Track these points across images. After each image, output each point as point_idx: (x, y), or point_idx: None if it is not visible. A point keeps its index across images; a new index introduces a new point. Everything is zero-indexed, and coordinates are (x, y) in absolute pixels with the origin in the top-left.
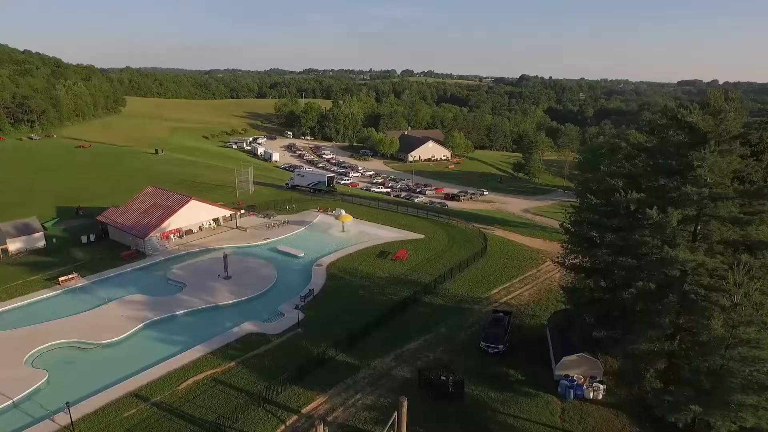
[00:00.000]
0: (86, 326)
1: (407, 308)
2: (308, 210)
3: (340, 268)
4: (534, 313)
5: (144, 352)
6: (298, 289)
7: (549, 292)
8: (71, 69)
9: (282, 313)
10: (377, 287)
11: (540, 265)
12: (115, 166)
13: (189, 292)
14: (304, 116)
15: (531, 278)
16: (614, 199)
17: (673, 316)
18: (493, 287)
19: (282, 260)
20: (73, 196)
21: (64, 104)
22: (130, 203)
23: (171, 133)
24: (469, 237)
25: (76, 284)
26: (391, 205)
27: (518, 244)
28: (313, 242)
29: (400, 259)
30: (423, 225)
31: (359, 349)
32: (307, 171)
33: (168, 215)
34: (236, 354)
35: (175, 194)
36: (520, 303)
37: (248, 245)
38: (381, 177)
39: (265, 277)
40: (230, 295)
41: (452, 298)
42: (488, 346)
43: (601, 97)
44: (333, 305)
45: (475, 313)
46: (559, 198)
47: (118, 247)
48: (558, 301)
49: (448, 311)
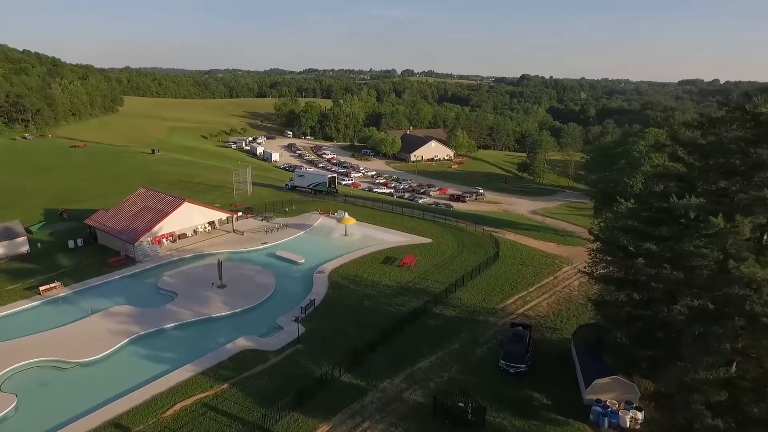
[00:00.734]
0: (65, 342)
1: (417, 320)
2: (309, 212)
3: (344, 275)
4: (555, 325)
5: (127, 372)
6: (299, 299)
7: (569, 302)
8: (68, 68)
9: (280, 326)
10: (383, 297)
11: (556, 271)
12: (110, 167)
13: (180, 302)
14: (305, 115)
15: (548, 286)
16: (669, 204)
17: (732, 340)
18: (508, 296)
19: (281, 267)
20: (64, 198)
21: (60, 103)
22: (121, 206)
23: (169, 133)
24: (479, 241)
25: (58, 294)
26: (396, 207)
27: (531, 249)
28: (313, 247)
29: (407, 265)
30: (430, 228)
31: (365, 368)
32: (307, 171)
33: (159, 219)
34: (229, 374)
35: (167, 196)
36: (539, 314)
37: (245, 250)
38: (383, 177)
39: (262, 285)
40: (224, 306)
41: (465, 308)
42: (508, 366)
43: (603, 97)
44: (336, 317)
45: (490, 326)
46: (566, 199)
47: (107, 252)
48: (581, 314)
49: (461, 324)
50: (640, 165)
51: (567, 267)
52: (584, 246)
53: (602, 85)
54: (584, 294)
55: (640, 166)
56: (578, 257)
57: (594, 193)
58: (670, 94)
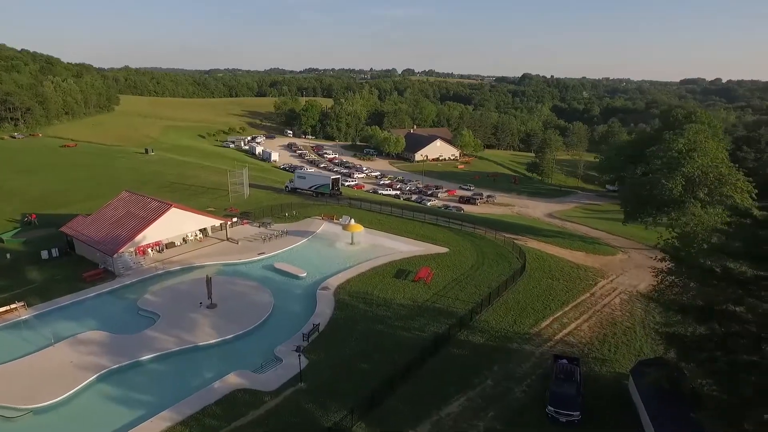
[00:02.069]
0: (18, 380)
1: (439, 349)
2: (311, 217)
3: (352, 292)
4: (603, 356)
5: (91, 422)
6: (300, 322)
7: (613, 325)
8: (62, 66)
9: (279, 357)
10: (398, 319)
11: (592, 287)
12: (100, 167)
13: (162, 326)
14: (305, 114)
15: (585, 305)
16: None
17: None
18: (542, 318)
19: (280, 282)
20: (46, 201)
21: (52, 102)
22: (102, 211)
23: (165, 132)
24: (500, 251)
25: (19, 317)
26: (406, 211)
27: (559, 259)
28: (317, 258)
29: (423, 280)
30: (444, 235)
31: (382, 414)
32: (308, 172)
33: (143, 226)
34: (216, 424)
35: (153, 201)
36: (581, 341)
37: (239, 262)
38: (388, 178)
39: (258, 305)
40: (213, 331)
41: (494, 334)
42: (558, 413)
43: (605, 96)
44: (344, 346)
45: (526, 356)
46: (579, 200)
47: (85, 264)
48: (630, 340)
49: (492, 354)
50: (679, 165)
51: (603, 281)
52: (603, 253)
53: (604, 84)
54: (629, 314)
55: (680, 166)
56: (612, 269)
57: (626, 196)
58: (672, 93)
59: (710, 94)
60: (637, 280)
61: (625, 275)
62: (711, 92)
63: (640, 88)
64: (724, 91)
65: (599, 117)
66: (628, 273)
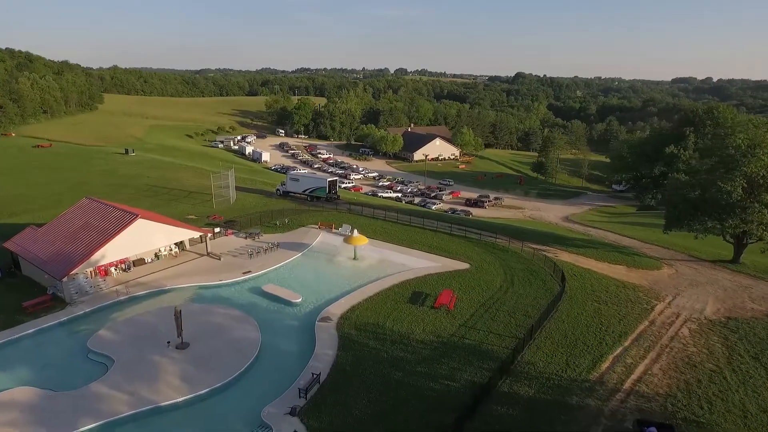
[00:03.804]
0: None
1: (477, 409)
2: (305, 226)
3: (358, 324)
4: (696, 416)
5: None
6: (295, 368)
7: (692, 366)
8: (42, 62)
9: (267, 423)
10: (420, 362)
11: (649, 312)
12: (74, 169)
13: (115, 376)
14: (297, 113)
15: (649, 339)
16: None
17: None
18: (600, 357)
19: (270, 310)
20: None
21: (28, 99)
22: (55, 223)
23: (150, 132)
24: (529, 265)
25: None
26: (413, 218)
27: (600, 276)
28: (314, 277)
29: (445, 306)
30: (460, 246)
31: None
32: (302, 174)
33: (102, 241)
34: None
35: (116, 210)
36: (659, 392)
37: (221, 283)
38: (387, 179)
39: (241, 344)
40: (181, 383)
41: (545, 383)
42: None
43: (599, 94)
44: (354, 405)
45: (594, 418)
46: (592, 202)
47: (32, 288)
48: (724, 389)
49: (548, 413)
50: (738, 164)
51: (660, 305)
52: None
53: (596, 83)
54: (708, 352)
55: (740, 165)
56: (664, 288)
57: (672, 200)
58: (665, 91)
59: (703, 92)
60: (698, 302)
61: (683, 296)
62: (703, 91)
63: (633, 86)
64: (717, 89)
65: (596, 116)
66: (686, 293)
